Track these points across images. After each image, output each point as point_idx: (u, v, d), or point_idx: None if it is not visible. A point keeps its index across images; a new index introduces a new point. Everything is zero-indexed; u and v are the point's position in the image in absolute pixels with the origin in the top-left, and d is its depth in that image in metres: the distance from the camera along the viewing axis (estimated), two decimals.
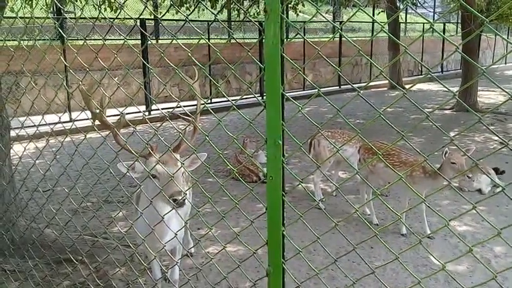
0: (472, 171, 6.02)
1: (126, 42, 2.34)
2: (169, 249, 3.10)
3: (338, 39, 16.47)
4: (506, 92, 1.21)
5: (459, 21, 17.41)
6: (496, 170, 6.37)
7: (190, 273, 3.87)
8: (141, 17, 11.77)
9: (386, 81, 16.83)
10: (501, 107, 11.62)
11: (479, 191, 6.14)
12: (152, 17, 14.19)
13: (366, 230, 4.87)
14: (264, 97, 1.61)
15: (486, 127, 1.27)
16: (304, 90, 15.60)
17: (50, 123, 2.79)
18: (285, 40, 1.61)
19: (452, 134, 9.55)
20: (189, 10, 9.79)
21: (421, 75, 20.23)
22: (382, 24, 1.54)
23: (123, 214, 4.80)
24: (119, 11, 8.24)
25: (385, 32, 1.54)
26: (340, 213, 5.41)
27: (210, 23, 13.57)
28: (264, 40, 1.60)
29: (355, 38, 18.67)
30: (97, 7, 8.28)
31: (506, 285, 3.75)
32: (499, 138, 1.57)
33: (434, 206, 5.35)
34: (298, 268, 3.97)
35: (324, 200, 5.72)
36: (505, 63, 24.20)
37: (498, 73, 22.26)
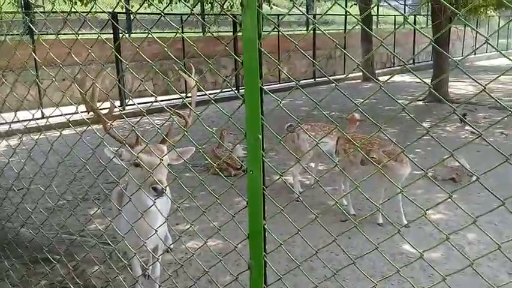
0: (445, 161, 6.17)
1: (99, 37, 2.30)
2: (152, 246, 3.07)
3: (312, 32, 16.56)
4: (478, 83, 1.25)
5: (429, 13, 17.73)
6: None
7: (170, 269, 3.86)
8: (113, 11, 11.58)
9: (360, 74, 17.04)
10: (472, 97, 11.93)
11: (453, 179, 6.30)
12: (124, 10, 13.97)
13: (343, 220, 4.95)
14: (241, 91, 1.62)
15: (461, 118, 1.30)
16: (280, 83, 15.64)
17: (22, 120, 2.72)
18: (262, 34, 1.61)
19: (425, 124, 9.76)
20: (162, 3, 9.67)
21: (394, 67, 20.54)
22: (357, 17, 1.56)
23: (101, 211, 4.74)
24: (90, 4, 8.07)
25: (360, 25, 1.56)
26: (317, 204, 5.47)
27: (184, 16, 13.44)
28: (240, 34, 1.60)
29: (328, 31, 18.78)
30: (68, 1, 8.11)
31: (480, 270, 3.87)
32: (474, 129, 1.61)
33: (409, 195, 5.47)
34: (278, 260, 4.01)
35: (302, 192, 5.77)
36: (475, 54, 24.80)
37: (468, 64, 22.78)
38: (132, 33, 14.65)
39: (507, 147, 7.60)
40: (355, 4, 17.68)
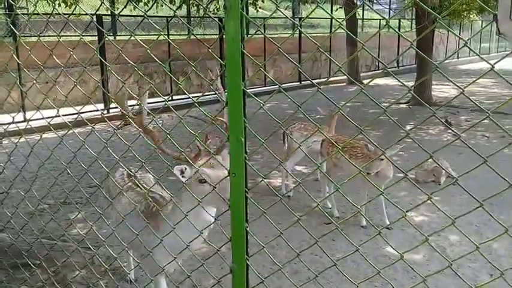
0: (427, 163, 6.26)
1: (82, 39, 2.28)
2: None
3: (298, 35, 16.63)
4: (457, 86, 1.27)
5: (414, 17, 17.96)
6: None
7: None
8: (97, 12, 11.47)
9: (345, 77, 17.17)
10: (454, 100, 12.11)
11: (435, 182, 6.38)
12: (109, 12, 13.85)
13: (327, 223, 4.97)
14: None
15: (441, 121, 1.32)
16: (265, 86, 15.67)
17: (3, 124, 2.68)
18: (246, 36, 1.61)
19: (408, 127, 9.87)
20: (147, 5, 9.62)
21: (378, 70, 20.75)
22: (339, 20, 1.57)
23: (82, 216, 4.68)
24: (74, 6, 8.00)
25: (342, 29, 1.57)
26: (302, 207, 5.48)
27: (169, 19, 13.39)
28: (224, 36, 1.59)
29: (314, 34, 18.89)
30: (51, 3, 8.02)
31: (461, 272, 3.93)
32: (454, 131, 1.63)
33: (391, 198, 5.53)
34: (262, 263, 4.00)
35: (288, 195, 5.77)
36: (458, 58, 25.18)
37: (451, 67, 23.14)
38: (117, 35, 14.53)
39: (489, 149, 7.72)
40: (340, 8, 17.82)
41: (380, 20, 21.74)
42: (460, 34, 25.58)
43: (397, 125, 1.49)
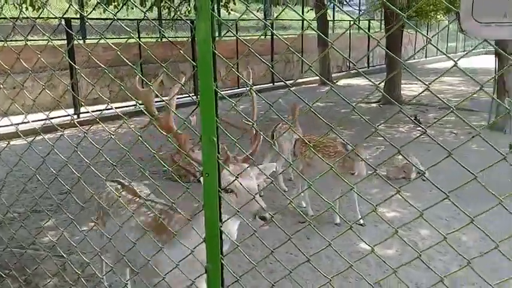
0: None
1: (50, 42, 2.24)
2: None
3: (270, 37, 16.72)
4: (422, 81, 1.31)
5: (383, 18, 18.31)
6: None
7: (126, 276, 3.77)
8: (66, 16, 11.25)
9: (317, 78, 17.35)
10: (423, 98, 12.41)
11: (405, 178, 6.53)
12: (78, 15, 13.61)
13: (301, 222, 5.02)
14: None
15: (410, 118, 1.36)
16: (238, 87, 15.68)
17: None
18: (216, 37, 1.62)
19: (378, 125, 10.06)
20: (117, 8, 9.49)
21: (350, 70, 21.05)
22: (309, 21, 1.60)
23: (53, 222, 4.57)
24: (41, 9, 7.83)
25: (312, 29, 1.60)
26: (277, 207, 5.52)
27: (139, 21, 13.25)
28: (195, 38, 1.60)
29: (285, 36, 19.02)
30: (18, 6, 7.82)
31: (432, 264, 4.04)
32: (420, 126, 1.69)
33: (364, 195, 5.62)
34: (238, 263, 4.01)
35: (262, 195, 5.80)
36: (426, 57, 25.79)
37: (420, 67, 23.67)
38: (86, 38, 14.28)
39: (456, 145, 7.94)
40: (311, 9, 18.01)
41: (350, 21, 22.07)
42: (427, 34, 26.25)
43: (367, 122, 1.52)
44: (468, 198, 4.03)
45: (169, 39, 13.34)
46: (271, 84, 16.68)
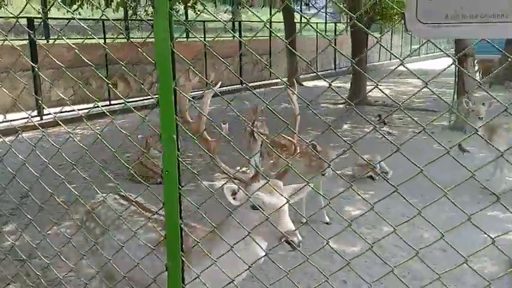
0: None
1: (8, 42, 2.20)
2: None
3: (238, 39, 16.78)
4: (371, 79, 1.37)
5: (348, 21, 18.66)
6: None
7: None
8: (28, 15, 10.94)
9: (285, 79, 17.53)
10: (388, 99, 12.72)
11: (371, 177, 6.68)
12: (41, 15, 13.27)
13: None
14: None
15: (364, 118, 1.42)
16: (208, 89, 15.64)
17: None
18: (182, 38, 1.64)
19: (345, 126, 10.27)
20: (81, 8, 9.31)
21: (317, 72, 21.35)
22: (264, 21, 1.64)
23: (15, 226, 4.45)
24: (1, 9, 7.64)
25: (268, 28, 1.64)
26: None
27: (103, 21, 13.03)
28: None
29: (254, 38, 19.09)
30: None
31: (393, 260, 4.15)
32: (369, 122, 1.75)
33: (330, 194, 5.72)
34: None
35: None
36: (390, 59, 26.41)
37: (384, 69, 24.23)
38: (50, 39, 13.94)
39: (417, 143, 8.17)
40: (278, 11, 18.15)
41: (317, 23, 22.37)
42: (391, 37, 26.91)
43: (320, 118, 1.56)
44: (429, 196, 4.18)
45: (135, 39, 13.18)
46: (240, 85, 16.73)
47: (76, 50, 1.83)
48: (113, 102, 12.56)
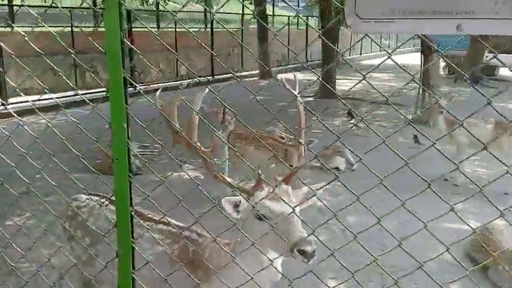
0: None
1: None
2: None
3: (210, 30, 16.68)
4: (315, 73, 1.42)
5: (319, 15, 18.80)
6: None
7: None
8: None
9: (257, 71, 17.61)
10: (357, 94, 12.94)
11: (337, 169, 6.82)
12: (6, 2, 12.88)
13: None
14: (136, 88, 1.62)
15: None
16: (176, 80, 15.53)
17: None
18: (132, 28, 1.65)
19: (314, 118, 10.39)
20: None
21: (288, 65, 21.47)
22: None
23: None
24: None
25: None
26: (214, 197, 5.57)
27: (70, 9, 12.73)
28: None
29: (224, 30, 19.00)
30: None
31: (355, 249, 4.27)
32: (316, 115, 1.81)
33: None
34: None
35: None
36: (360, 54, 26.78)
37: (356, 63, 24.59)
38: (16, 26, 13.51)
39: (383, 137, 8.42)
40: (250, 4, 18.15)
41: (289, 17, 22.46)
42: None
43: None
44: (397, 188, 4.31)
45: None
46: (211, 77, 16.67)
47: (26, 38, 1.81)
48: (81, 92, 12.31)
